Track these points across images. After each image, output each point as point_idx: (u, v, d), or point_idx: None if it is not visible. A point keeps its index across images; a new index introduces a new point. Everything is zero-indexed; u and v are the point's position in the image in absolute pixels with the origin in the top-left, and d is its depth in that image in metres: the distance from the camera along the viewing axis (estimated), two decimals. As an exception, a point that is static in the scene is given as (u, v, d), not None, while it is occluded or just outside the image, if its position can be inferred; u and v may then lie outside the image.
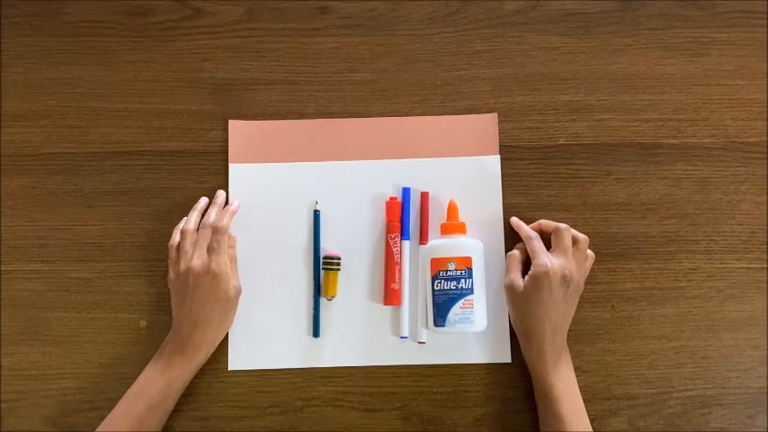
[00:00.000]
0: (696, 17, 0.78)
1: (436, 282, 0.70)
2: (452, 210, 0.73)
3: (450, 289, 0.69)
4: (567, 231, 0.69)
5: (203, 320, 0.68)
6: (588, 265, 0.71)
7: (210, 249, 0.69)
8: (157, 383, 0.67)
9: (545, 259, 0.67)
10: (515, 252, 0.71)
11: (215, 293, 0.68)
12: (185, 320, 0.68)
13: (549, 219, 0.74)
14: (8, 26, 0.79)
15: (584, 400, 0.71)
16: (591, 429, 0.66)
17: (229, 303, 0.70)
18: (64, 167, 0.76)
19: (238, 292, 0.71)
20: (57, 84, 0.78)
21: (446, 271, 0.70)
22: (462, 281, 0.69)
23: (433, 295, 0.70)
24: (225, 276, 0.68)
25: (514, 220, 0.73)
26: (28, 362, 0.73)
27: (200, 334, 0.68)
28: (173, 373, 0.68)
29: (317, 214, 0.74)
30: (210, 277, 0.68)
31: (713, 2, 0.78)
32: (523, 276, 0.69)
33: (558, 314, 0.68)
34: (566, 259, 0.68)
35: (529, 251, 0.70)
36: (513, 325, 0.71)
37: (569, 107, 0.77)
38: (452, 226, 0.72)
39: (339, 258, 0.73)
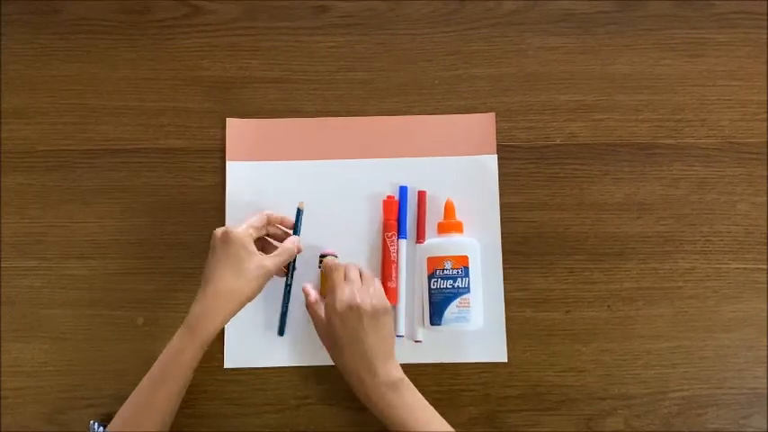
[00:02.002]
0: (693, 18, 0.78)
1: (432, 281, 0.70)
2: (449, 209, 0.73)
3: (447, 288, 0.69)
4: (336, 268, 0.68)
5: (212, 286, 0.65)
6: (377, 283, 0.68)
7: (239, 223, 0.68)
8: (162, 358, 0.65)
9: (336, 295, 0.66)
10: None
11: (227, 257, 0.66)
12: (200, 290, 0.66)
13: (546, 218, 0.74)
14: (7, 24, 0.79)
15: (580, 399, 0.71)
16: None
17: (243, 273, 0.65)
18: (61, 164, 0.76)
19: (262, 268, 0.66)
20: (55, 81, 0.78)
21: (443, 270, 0.70)
22: (459, 280, 0.69)
23: (430, 294, 0.70)
24: (239, 242, 0.66)
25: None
26: (24, 359, 0.73)
27: (207, 303, 0.65)
28: (177, 346, 0.64)
29: (299, 212, 0.73)
30: (224, 238, 0.66)
31: (710, 3, 0.78)
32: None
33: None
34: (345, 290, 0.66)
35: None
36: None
37: (567, 107, 0.77)
38: (449, 225, 0.72)
39: (336, 257, 0.73)
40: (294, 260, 0.72)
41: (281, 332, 0.72)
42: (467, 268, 0.70)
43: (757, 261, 0.74)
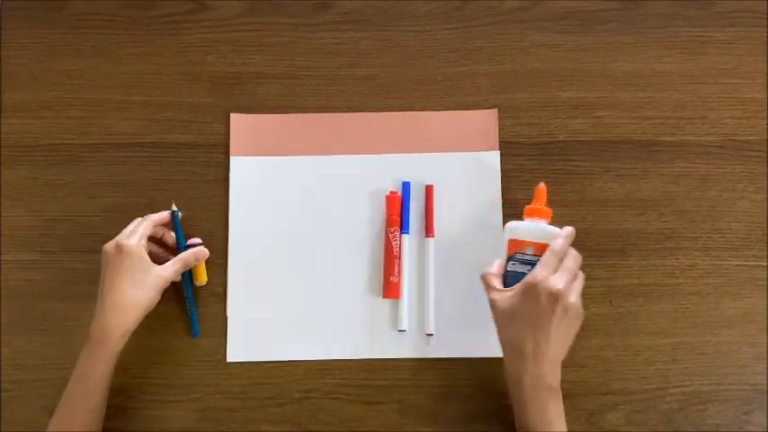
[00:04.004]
0: (695, 16, 0.79)
1: (511, 262, 0.68)
2: (540, 194, 0.70)
3: (524, 272, 0.66)
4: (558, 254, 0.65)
5: (111, 299, 0.66)
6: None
7: (129, 234, 0.68)
8: (74, 375, 0.65)
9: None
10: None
11: (124, 269, 0.66)
12: (98, 304, 0.66)
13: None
14: (11, 18, 0.80)
15: (582, 395, 0.71)
16: None
17: (141, 284, 0.66)
18: (65, 158, 0.76)
19: (160, 278, 0.68)
20: (59, 75, 0.78)
21: (523, 253, 0.67)
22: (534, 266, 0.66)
23: (505, 275, 0.68)
24: (135, 254, 0.66)
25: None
26: (27, 352, 0.73)
27: (109, 316, 0.65)
28: (86, 363, 0.65)
29: (175, 214, 0.73)
30: (118, 251, 0.66)
31: (712, 1, 0.79)
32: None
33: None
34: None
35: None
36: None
37: (569, 104, 0.77)
38: (538, 210, 0.69)
39: (201, 244, 0.72)
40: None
41: (195, 333, 0.73)
42: None
43: (758, 258, 0.74)
